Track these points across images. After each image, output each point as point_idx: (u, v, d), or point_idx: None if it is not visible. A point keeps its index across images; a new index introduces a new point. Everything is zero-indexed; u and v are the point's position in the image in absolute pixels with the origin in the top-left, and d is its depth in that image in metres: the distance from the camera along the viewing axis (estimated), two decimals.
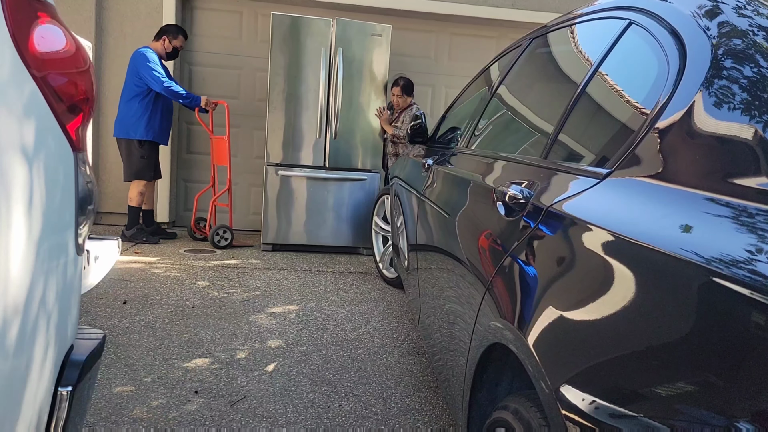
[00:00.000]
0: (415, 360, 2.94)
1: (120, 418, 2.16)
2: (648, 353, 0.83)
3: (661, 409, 0.78)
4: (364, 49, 4.91)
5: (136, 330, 3.04)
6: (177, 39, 4.92)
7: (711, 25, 1.15)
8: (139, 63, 4.67)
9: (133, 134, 4.72)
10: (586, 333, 0.97)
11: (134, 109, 4.70)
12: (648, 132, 1.11)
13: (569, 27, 1.90)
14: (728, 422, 0.68)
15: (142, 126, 4.72)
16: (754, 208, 0.82)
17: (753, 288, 0.70)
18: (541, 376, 1.03)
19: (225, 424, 2.18)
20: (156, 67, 4.66)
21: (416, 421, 2.31)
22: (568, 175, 1.32)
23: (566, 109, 1.53)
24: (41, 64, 0.98)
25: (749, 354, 0.69)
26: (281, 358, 2.82)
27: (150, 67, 4.65)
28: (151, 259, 4.48)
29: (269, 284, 4.08)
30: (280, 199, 4.98)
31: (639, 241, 0.91)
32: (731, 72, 1.03)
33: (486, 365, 1.47)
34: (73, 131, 1.06)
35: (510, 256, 1.36)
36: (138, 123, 4.71)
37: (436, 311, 2.11)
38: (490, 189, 1.67)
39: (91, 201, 1.17)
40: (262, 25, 5.64)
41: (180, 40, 4.95)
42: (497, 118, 2.31)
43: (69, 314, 1.13)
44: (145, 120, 4.72)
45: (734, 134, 0.95)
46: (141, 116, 4.71)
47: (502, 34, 5.90)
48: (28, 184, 0.92)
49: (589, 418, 0.88)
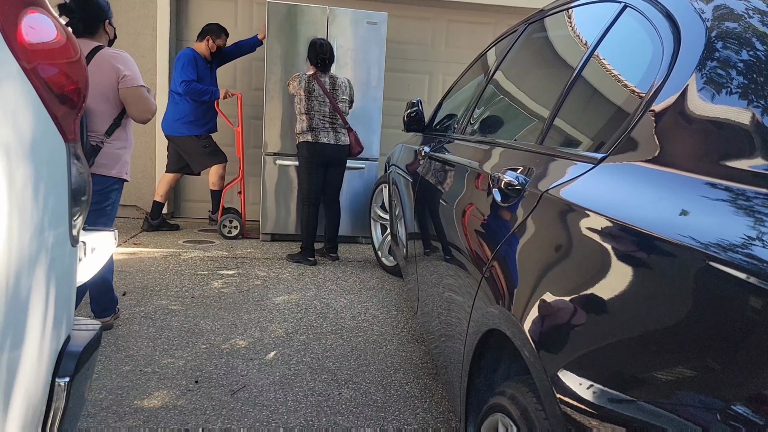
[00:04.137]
0: (415, 347, 2.95)
1: (121, 408, 2.17)
2: (643, 338, 0.83)
3: (656, 394, 0.78)
4: (360, 36, 4.88)
5: (136, 321, 3.05)
6: (220, 38, 5.00)
7: (705, 8, 1.14)
8: (175, 65, 4.88)
9: (187, 131, 4.88)
10: (582, 318, 0.97)
11: (182, 107, 4.85)
12: (642, 116, 1.11)
13: (565, 12, 1.89)
14: (724, 405, 0.68)
15: (194, 123, 4.89)
16: (751, 192, 0.81)
17: (749, 272, 0.69)
18: (537, 362, 1.03)
19: (226, 413, 2.19)
20: (185, 70, 4.77)
21: (416, 408, 2.32)
22: (563, 160, 1.32)
23: (561, 94, 1.53)
24: (31, 54, 0.97)
25: (745, 338, 0.69)
26: (281, 347, 2.83)
27: (178, 70, 4.81)
28: (150, 250, 4.48)
29: (268, 274, 4.08)
30: (279, 188, 4.97)
31: (635, 225, 0.91)
32: (725, 55, 1.03)
33: (483, 351, 1.47)
34: (65, 122, 1.06)
35: (506, 243, 1.36)
36: (190, 120, 4.87)
37: (435, 298, 2.11)
38: (487, 176, 1.66)
39: (84, 192, 1.17)
40: (257, 14, 5.60)
41: (223, 39, 5.04)
42: (493, 105, 2.30)
43: (65, 306, 1.13)
44: (194, 117, 4.87)
45: (728, 117, 0.95)
46: (189, 114, 4.88)
47: (499, 20, 5.86)
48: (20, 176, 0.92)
49: (584, 402, 0.88)
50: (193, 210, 5.83)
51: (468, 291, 1.58)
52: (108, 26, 2.77)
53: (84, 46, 2.62)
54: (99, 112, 2.65)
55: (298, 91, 4.24)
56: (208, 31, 4.95)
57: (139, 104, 2.71)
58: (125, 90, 2.68)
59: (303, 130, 4.28)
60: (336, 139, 4.31)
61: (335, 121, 4.31)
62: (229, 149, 5.33)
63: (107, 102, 2.67)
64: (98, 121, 2.66)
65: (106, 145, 2.67)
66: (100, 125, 2.66)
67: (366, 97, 4.97)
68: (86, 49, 2.62)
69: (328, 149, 4.30)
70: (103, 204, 2.70)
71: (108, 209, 2.73)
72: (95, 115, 2.65)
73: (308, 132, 4.27)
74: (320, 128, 4.26)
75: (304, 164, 4.36)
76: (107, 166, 2.68)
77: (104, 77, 2.64)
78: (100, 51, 2.65)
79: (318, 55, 4.24)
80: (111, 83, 2.66)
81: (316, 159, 4.31)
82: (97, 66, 2.62)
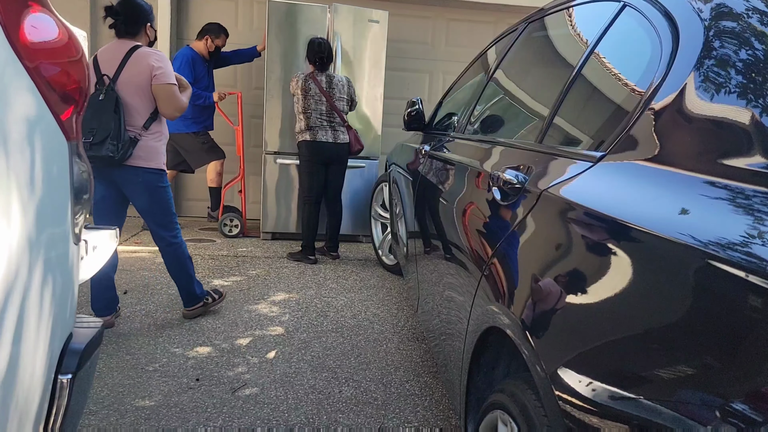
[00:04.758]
0: (415, 346, 2.95)
1: (122, 406, 2.18)
2: (641, 336, 0.83)
3: (655, 391, 0.79)
4: (361, 35, 4.88)
5: (137, 319, 3.05)
6: (219, 38, 4.99)
7: (704, 7, 1.15)
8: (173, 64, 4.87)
9: (185, 128, 4.86)
10: (581, 317, 0.98)
11: None
12: (641, 115, 1.11)
13: (564, 11, 1.89)
14: (723, 403, 0.69)
15: (191, 120, 4.86)
16: (750, 190, 0.82)
17: (748, 270, 0.70)
18: (536, 360, 1.04)
19: (227, 411, 2.20)
20: (181, 71, 4.73)
21: (416, 406, 2.33)
22: (562, 159, 1.33)
23: (561, 93, 1.53)
24: (33, 54, 0.97)
25: (743, 336, 0.69)
26: (282, 346, 2.84)
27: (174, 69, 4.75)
28: (151, 248, 4.48)
29: (269, 272, 4.09)
30: (279, 187, 4.98)
31: (633, 224, 0.91)
32: (723, 53, 1.03)
33: (483, 349, 1.48)
34: (67, 121, 1.06)
35: (505, 241, 1.36)
36: (187, 117, 4.83)
37: (435, 297, 2.12)
38: (486, 174, 1.67)
39: (86, 190, 1.17)
40: (257, 13, 5.60)
41: (222, 39, 5.02)
42: (493, 104, 2.30)
43: (67, 303, 1.13)
44: (191, 114, 4.83)
45: (727, 116, 0.95)
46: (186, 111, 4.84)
47: (499, 19, 5.86)
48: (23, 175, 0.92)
49: (583, 399, 0.89)
50: (193, 209, 5.84)
51: (468, 289, 1.59)
52: (149, 29, 2.92)
53: (124, 45, 2.78)
54: (136, 107, 2.77)
55: (295, 90, 4.26)
56: (208, 31, 4.94)
57: (169, 101, 2.82)
58: (157, 86, 2.78)
59: (302, 130, 4.29)
60: (335, 137, 4.31)
61: (333, 120, 4.31)
62: (228, 148, 5.34)
63: (144, 97, 2.78)
64: (136, 115, 2.77)
65: (144, 138, 2.78)
66: (138, 119, 2.77)
67: (366, 95, 4.97)
68: (125, 48, 2.76)
69: (328, 148, 4.31)
70: (155, 193, 2.85)
71: (164, 195, 2.89)
72: (133, 110, 2.76)
73: (307, 131, 4.27)
74: (318, 127, 4.27)
75: (305, 163, 4.37)
76: (146, 158, 2.79)
77: (140, 73, 2.75)
78: (138, 49, 2.78)
79: (316, 54, 4.24)
80: (146, 79, 2.76)
81: (316, 158, 4.32)
82: (135, 62, 2.75)
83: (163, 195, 2.90)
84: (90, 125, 2.64)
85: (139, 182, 2.79)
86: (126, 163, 2.73)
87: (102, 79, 2.74)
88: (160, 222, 2.93)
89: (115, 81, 2.73)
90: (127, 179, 2.79)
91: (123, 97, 2.73)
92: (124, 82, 2.74)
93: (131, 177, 2.78)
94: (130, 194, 2.85)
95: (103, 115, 2.66)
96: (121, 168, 2.75)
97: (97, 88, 2.73)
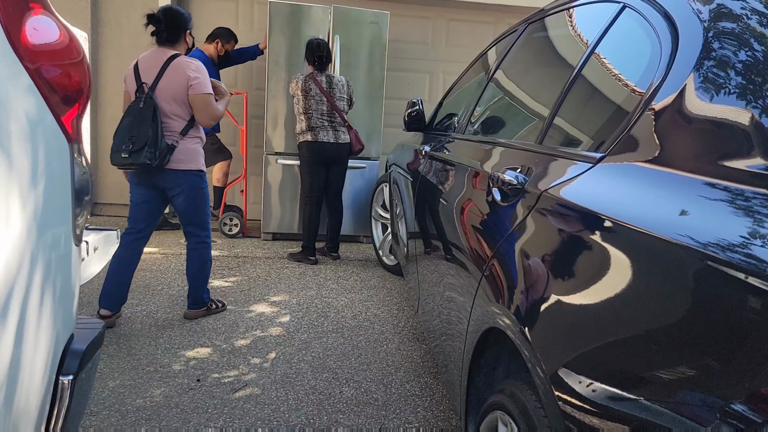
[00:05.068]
0: (415, 346, 2.96)
1: (123, 407, 2.18)
2: (641, 337, 0.83)
3: (654, 392, 0.79)
4: (362, 36, 4.88)
5: (137, 320, 3.06)
6: (229, 44, 5.01)
7: (703, 8, 1.15)
8: None
9: None
10: (580, 317, 0.98)
11: None
12: (641, 116, 1.11)
13: (564, 11, 1.89)
14: (723, 404, 0.69)
15: None
16: (749, 192, 0.82)
17: (748, 272, 0.70)
18: (536, 360, 1.04)
19: (227, 411, 2.20)
20: None
21: (416, 406, 2.33)
22: (562, 159, 1.33)
23: (561, 94, 1.53)
24: (34, 56, 0.98)
25: (742, 337, 0.69)
26: (282, 346, 2.84)
27: None
28: (152, 249, 4.49)
29: (270, 273, 4.09)
30: (280, 188, 4.98)
31: (633, 225, 0.92)
32: (722, 54, 1.03)
33: (483, 350, 1.48)
34: (68, 122, 1.07)
35: (505, 242, 1.36)
36: None
37: (435, 297, 2.12)
38: (486, 175, 1.67)
39: (87, 192, 1.18)
40: (258, 14, 5.61)
41: (232, 44, 5.05)
42: (493, 104, 2.31)
43: (68, 305, 1.14)
44: None
45: (726, 117, 0.96)
46: None
47: (499, 19, 5.86)
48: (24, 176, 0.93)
49: (582, 400, 0.89)
50: None
51: (468, 290, 1.59)
52: (188, 36, 3.02)
53: (163, 54, 2.87)
54: (174, 114, 2.88)
55: (296, 91, 4.26)
56: (219, 35, 4.96)
57: (205, 110, 2.91)
58: (193, 96, 2.87)
59: (303, 130, 4.30)
60: (336, 137, 4.32)
61: (334, 120, 4.32)
62: (231, 148, 5.34)
63: (182, 105, 2.88)
64: (174, 123, 2.88)
65: (182, 143, 2.89)
66: (176, 126, 2.88)
67: (367, 96, 4.98)
68: (164, 56, 2.86)
69: (329, 148, 4.31)
70: (195, 193, 2.95)
71: (202, 196, 2.99)
72: (171, 117, 2.87)
73: (308, 132, 4.28)
74: (319, 127, 4.27)
75: (306, 164, 4.38)
76: (186, 161, 2.90)
77: (178, 82, 2.84)
78: (176, 58, 2.87)
79: (315, 53, 4.25)
80: (183, 88, 2.86)
81: (316, 158, 4.32)
82: (173, 72, 2.84)
83: (202, 195, 3.00)
84: (130, 132, 2.75)
85: (182, 184, 2.91)
86: (168, 167, 2.84)
87: (142, 87, 2.84)
88: (197, 221, 3.03)
89: (153, 89, 2.83)
90: (169, 182, 2.90)
91: (161, 105, 2.82)
92: (162, 90, 2.83)
93: (174, 180, 2.89)
94: (172, 195, 2.95)
95: (142, 122, 2.75)
96: (163, 172, 2.86)
97: (137, 95, 2.83)
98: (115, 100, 5.44)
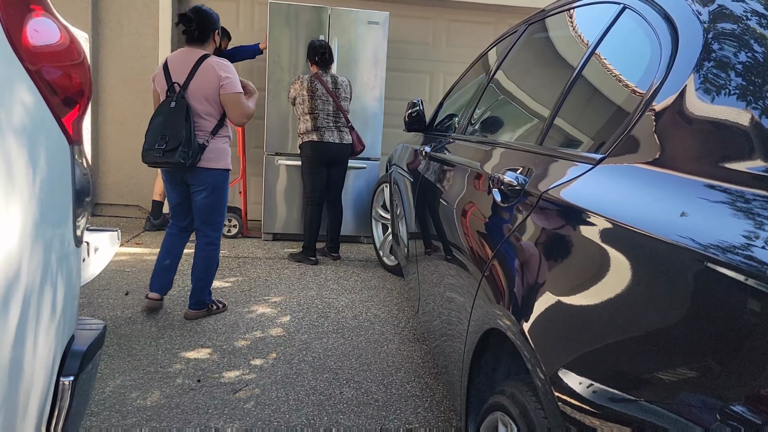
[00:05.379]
0: (416, 347, 2.96)
1: (123, 407, 2.18)
2: (641, 339, 0.83)
3: (655, 393, 0.79)
4: (362, 36, 4.88)
5: (138, 320, 3.06)
6: (224, 41, 5.05)
7: (703, 9, 1.15)
8: None
9: None
10: (580, 318, 0.98)
11: None
12: (641, 117, 1.12)
13: (565, 12, 1.89)
14: (723, 405, 0.69)
15: None
16: (750, 194, 0.82)
17: (748, 273, 0.70)
18: (536, 361, 1.04)
19: (228, 412, 2.20)
20: None
21: (417, 407, 2.33)
22: (562, 161, 1.33)
23: (561, 94, 1.54)
24: (35, 57, 0.98)
25: (742, 339, 0.69)
26: (283, 347, 2.84)
27: None
28: (152, 250, 4.49)
29: (270, 273, 4.09)
30: (281, 188, 4.99)
31: (633, 226, 0.92)
32: (722, 56, 1.04)
33: (483, 351, 1.48)
34: (69, 124, 1.07)
35: (505, 243, 1.36)
36: None
37: (436, 298, 2.12)
38: (487, 176, 1.67)
39: (88, 193, 1.18)
40: (258, 14, 5.61)
41: (225, 42, 5.09)
42: (494, 105, 2.31)
43: (69, 305, 1.14)
44: None
45: (726, 118, 0.96)
46: None
47: (499, 20, 5.86)
48: (25, 177, 0.93)
49: (582, 401, 0.89)
50: None
51: (468, 290, 1.59)
52: (216, 36, 3.08)
53: (193, 54, 2.93)
54: (206, 114, 2.94)
55: (300, 92, 4.25)
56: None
57: (237, 109, 2.97)
58: (225, 95, 2.93)
59: (308, 130, 4.30)
60: (340, 138, 4.32)
61: (338, 120, 4.32)
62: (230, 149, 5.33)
63: (212, 104, 2.94)
64: (205, 122, 2.94)
65: (212, 142, 2.96)
66: (206, 125, 2.95)
67: (367, 96, 4.98)
68: (195, 56, 2.92)
69: (333, 148, 4.31)
70: (217, 193, 3.02)
71: (222, 197, 3.06)
72: (202, 116, 2.93)
73: (313, 131, 4.28)
74: (325, 127, 4.28)
75: (307, 164, 4.37)
76: (215, 160, 2.98)
77: (209, 83, 2.90)
78: (207, 59, 2.92)
79: (317, 52, 4.27)
80: (215, 88, 2.91)
81: (319, 158, 4.32)
82: (203, 72, 2.90)
83: (223, 195, 3.07)
84: (162, 132, 2.80)
85: (209, 182, 2.98)
86: (198, 165, 2.92)
87: (173, 87, 2.87)
88: (211, 221, 3.07)
89: (185, 89, 2.87)
90: (197, 179, 2.97)
91: (193, 105, 2.87)
92: (193, 90, 2.88)
93: (202, 177, 2.97)
94: (195, 191, 3.01)
95: (176, 122, 2.81)
96: (193, 169, 2.93)
97: (168, 95, 2.88)
98: (116, 100, 5.45)
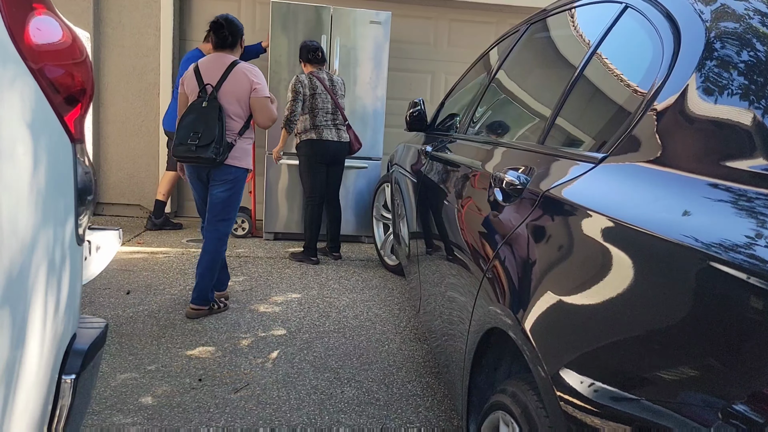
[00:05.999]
0: (417, 346, 2.96)
1: (125, 406, 2.18)
2: (643, 337, 0.83)
3: (656, 392, 0.79)
4: (364, 36, 4.88)
5: (139, 319, 3.06)
6: None
7: (705, 9, 1.15)
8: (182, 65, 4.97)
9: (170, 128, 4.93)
10: (582, 317, 0.98)
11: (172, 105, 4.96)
12: (643, 116, 1.11)
13: (566, 12, 1.89)
14: (725, 404, 0.69)
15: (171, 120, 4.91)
16: (752, 192, 0.82)
17: (750, 272, 0.70)
18: (538, 361, 1.04)
19: (229, 411, 2.21)
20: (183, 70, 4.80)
21: (418, 406, 2.33)
22: (564, 160, 1.33)
23: (563, 94, 1.53)
24: (37, 56, 0.98)
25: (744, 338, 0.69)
26: (284, 346, 2.85)
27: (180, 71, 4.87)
28: (154, 249, 4.50)
29: (271, 273, 4.10)
30: (282, 188, 4.99)
31: (635, 225, 0.92)
32: (724, 55, 1.03)
33: (485, 350, 1.48)
34: (71, 122, 1.07)
35: (507, 242, 1.36)
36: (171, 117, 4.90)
37: (437, 297, 2.12)
38: (488, 175, 1.67)
39: (90, 192, 1.18)
40: (260, 14, 5.61)
41: None
42: (495, 104, 2.31)
43: (71, 304, 1.14)
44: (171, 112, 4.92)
45: (728, 117, 0.96)
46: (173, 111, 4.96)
47: (501, 20, 5.86)
48: (27, 176, 0.93)
49: (584, 400, 0.89)
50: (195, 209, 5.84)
51: (469, 290, 1.59)
52: (242, 42, 3.31)
53: (224, 59, 3.14)
54: (235, 115, 3.12)
55: (302, 90, 4.24)
56: None
57: (264, 112, 3.16)
58: (255, 99, 3.12)
59: (306, 129, 4.29)
60: (339, 136, 4.33)
61: (336, 118, 4.33)
62: None
63: (242, 107, 3.12)
64: (234, 123, 3.11)
65: (239, 142, 3.13)
66: (235, 126, 3.12)
67: (369, 96, 4.98)
68: (226, 61, 3.12)
69: (332, 146, 4.32)
70: (235, 189, 3.17)
71: (238, 194, 3.21)
72: (232, 118, 3.11)
73: (312, 130, 4.28)
74: (324, 126, 4.28)
75: (306, 163, 4.37)
76: (240, 159, 3.15)
77: (241, 87, 3.09)
78: (238, 64, 3.12)
79: (310, 51, 4.30)
80: (245, 92, 3.10)
81: (318, 157, 4.32)
82: (235, 76, 3.09)
83: (239, 192, 3.21)
84: (194, 128, 2.97)
85: (230, 179, 3.12)
86: (225, 162, 3.08)
87: (205, 88, 3.07)
88: (224, 216, 3.17)
89: (217, 91, 3.05)
90: (219, 176, 3.11)
91: (224, 106, 3.06)
92: (226, 92, 3.06)
93: (224, 174, 3.10)
94: (215, 184, 3.13)
95: (209, 121, 2.99)
96: (219, 165, 3.07)
97: (200, 95, 3.08)
98: (117, 100, 5.45)
